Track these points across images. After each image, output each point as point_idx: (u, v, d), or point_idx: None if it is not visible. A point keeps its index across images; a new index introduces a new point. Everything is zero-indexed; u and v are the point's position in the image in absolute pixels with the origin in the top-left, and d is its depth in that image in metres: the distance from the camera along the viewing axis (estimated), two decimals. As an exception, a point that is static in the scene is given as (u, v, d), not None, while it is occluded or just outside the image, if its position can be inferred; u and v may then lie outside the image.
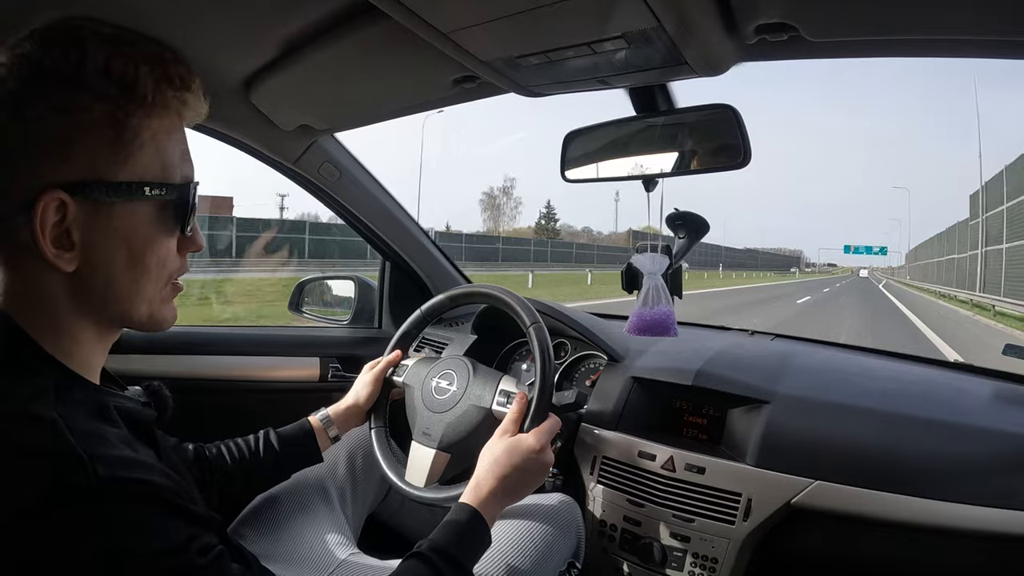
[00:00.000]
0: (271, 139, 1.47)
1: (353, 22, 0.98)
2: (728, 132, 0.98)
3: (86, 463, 0.53)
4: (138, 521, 0.55)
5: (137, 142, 0.64)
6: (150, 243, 0.66)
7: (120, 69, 0.62)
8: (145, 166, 0.64)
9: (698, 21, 0.79)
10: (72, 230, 0.61)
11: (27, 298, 0.63)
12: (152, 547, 0.55)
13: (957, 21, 0.77)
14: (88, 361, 0.67)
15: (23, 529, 0.52)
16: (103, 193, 0.62)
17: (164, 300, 0.71)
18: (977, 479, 1.03)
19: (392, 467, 1.21)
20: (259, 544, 1.07)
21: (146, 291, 0.68)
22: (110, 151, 0.62)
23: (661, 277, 1.11)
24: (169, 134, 0.67)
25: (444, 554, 0.85)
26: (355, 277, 2.01)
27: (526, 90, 1.07)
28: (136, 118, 0.63)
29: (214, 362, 1.67)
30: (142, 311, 0.68)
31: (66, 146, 0.60)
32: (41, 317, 0.63)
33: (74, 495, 0.53)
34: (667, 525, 1.20)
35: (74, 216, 0.61)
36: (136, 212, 0.65)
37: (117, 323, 0.69)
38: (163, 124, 0.66)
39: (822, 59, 0.92)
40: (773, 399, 1.21)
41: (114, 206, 0.63)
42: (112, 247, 0.64)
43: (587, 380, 1.51)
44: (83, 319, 0.66)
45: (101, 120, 0.61)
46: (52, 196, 0.59)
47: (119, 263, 0.65)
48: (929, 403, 1.22)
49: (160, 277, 0.69)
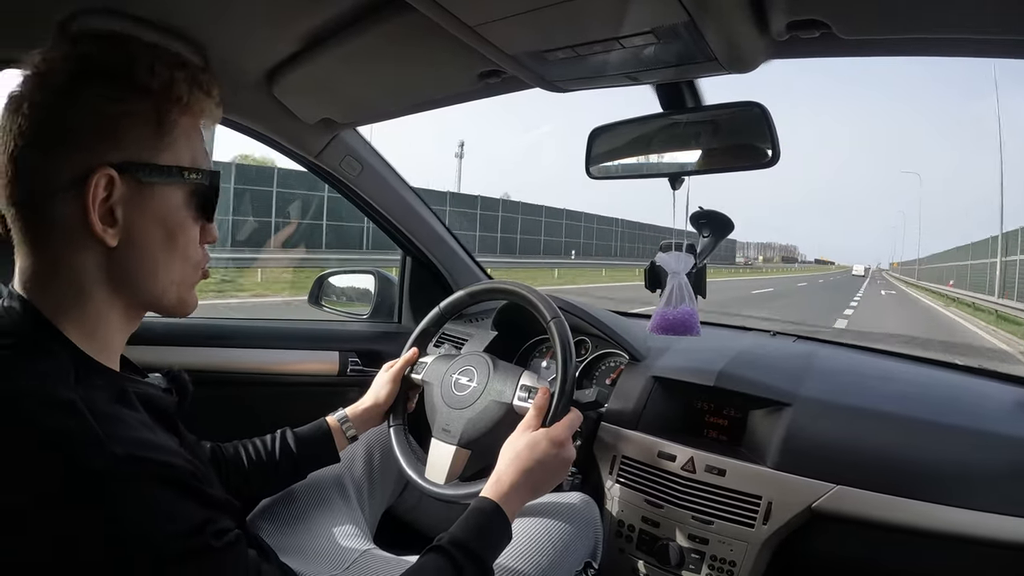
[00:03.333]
0: (293, 132, 1.48)
1: (378, 14, 0.97)
2: (757, 131, 0.97)
3: (104, 443, 0.55)
4: (155, 502, 0.56)
5: (173, 135, 0.70)
6: (182, 226, 0.72)
7: (162, 71, 0.68)
8: (180, 156, 0.71)
9: (730, 16, 0.78)
10: (116, 208, 0.66)
11: (55, 279, 0.66)
12: (168, 528, 0.56)
13: (992, 20, 0.75)
14: (109, 345, 0.69)
15: (42, 509, 0.53)
16: (147, 173, 0.68)
17: (190, 285, 0.76)
18: (1000, 487, 1.01)
19: (412, 464, 1.20)
20: (276, 537, 1.08)
21: (175, 272, 0.73)
22: (153, 139, 0.68)
23: (685, 276, 1.10)
24: (195, 130, 0.73)
25: (464, 548, 0.85)
26: (375, 271, 2.01)
27: (552, 85, 1.06)
28: (173, 114, 0.70)
29: (232, 355, 1.67)
30: (171, 292, 0.73)
31: (117, 131, 0.66)
32: (68, 298, 0.66)
33: (92, 475, 0.54)
34: (685, 527, 1.19)
35: (120, 194, 0.66)
36: (173, 195, 0.71)
37: (146, 305, 0.73)
38: (192, 123, 0.73)
39: (851, 57, 0.90)
40: (795, 401, 1.20)
41: (154, 187, 0.69)
42: (151, 226, 0.69)
43: (607, 379, 1.50)
44: (114, 299, 0.69)
45: (147, 112, 0.68)
46: (104, 172, 0.64)
47: (156, 242, 0.70)
48: (952, 408, 1.20)
49: (187, 258, 0.74)
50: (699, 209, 1.16)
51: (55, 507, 0.53)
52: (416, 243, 1.85)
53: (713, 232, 1.16)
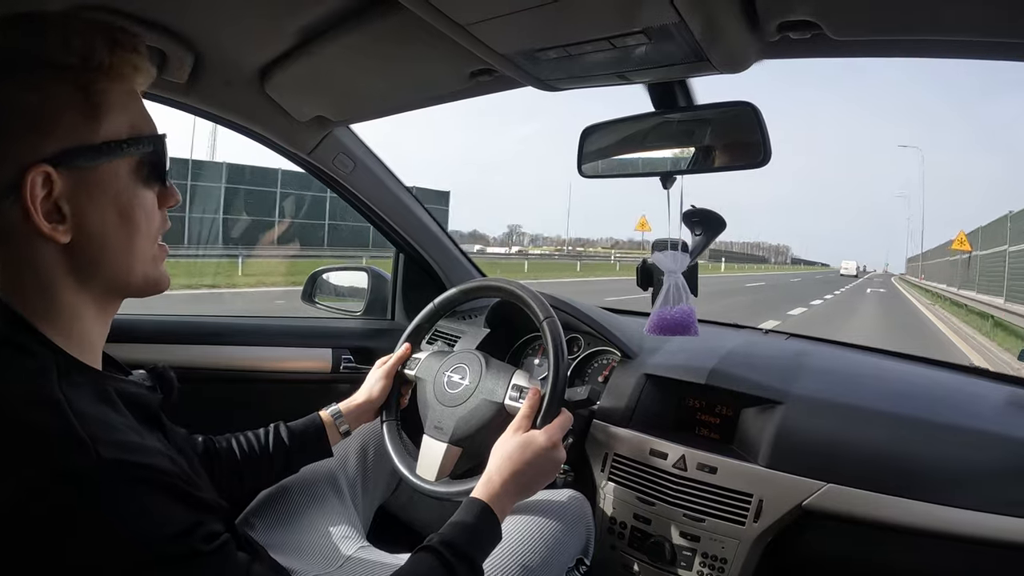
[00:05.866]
0: (286, 130, 1.48)
1: (370, 13, 0.98)
2: (748, 130, 0.97)
3: (88, 446, 0.54)
4: (141, 506, 0.55)
5: (105, 106, 0.66)
6: (136, 199, 0.68)
7: (78, 42, 0.64)
8: (117, 127, 0.66)
9: (721, 17, 0.78)
10: (61, 202, 0.63)
11: (22, 279, 0.64)
12: (155, 532, 0.55)
13: (984, 23, 0.76)
14: (88, 340, 0.68)
15: (27, 511, 0.52)
16: (85, 158, 0.64)
17: (156, 260, 0.73)
18: (991, 486, 1.02)
19: (404, 461, 1.21)
20: (269, 534, 1.08)
21: (139, 250, 0.69)
22: (83, 119, 0.64)
23: (681, 275, 1.11)
24: (130, 95, 0.69)
25: (454, 548, 0.85)
26: (368, 268, 2.01)
27: (543, 83, 1.06)
28: (100, 84, 0.65)
29: (224, 352, 1.67)
30: (137, 272, 0.70)
31: (42, 122, 0.62)
32: (38, 297, 0.64)
33: (76, 478, 0.53)
34: (677, 524, 1.20)
35: (61, 187, 0.62)
36: (118, 171, 0.67)
37: (115, 292, 0.71)
38: (123, 87, 0.68)
39: (842, 58, 0.91)
40: (786, 399, 1.20)
41: (97, 169, 0.65)
42: (102, 210, 0.66)
43: (599, 376, 1.50)
44: (82, 293, 0.66)
45: (70, 92, 0.63)
46: (37, 171, 0.61)
47: (111, 225, 0.66)
48: (944, 407, 1.20)
49: (149, 234, 0.70)
50: (692, 207, 1.16)
51: (40, 510, 0.52)
52: (409, 240, 1.85)
53: (705, 231, 1.16)
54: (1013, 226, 14.36)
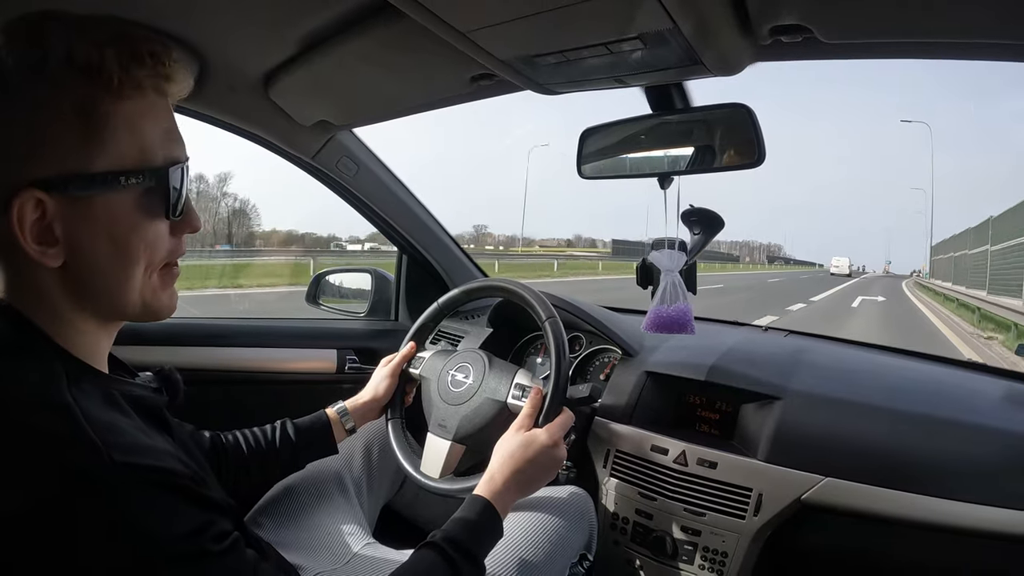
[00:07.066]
0: (289, 134, 1.49)
1: (372, 20, 0.99)
2: (743, 131, 0.98)
3: (101, 449, 0.54)
4: (152, 507, 0.55)
5: (109, 129, 0.61)
6: (135, 231, 0.64)
7: (84, 56, 0.59)
8: (121, 153, 0.62)
9: (714, 23, 0.80)
10: (54, 226, 0.60)
11: (25, 291, 0.63)
12: (166, 533, 0.55)
13: (974, 24, 0.77)
14: (93, 350, 0.67)
15: (40, 514, 0.52)
16: (78, 187, 0.60)
17: (160, 288, 0.69)
18: (988, 479, 1.03)
19: (408, 458, 1.22)
20: (276, 533, 1.09)
21: (135, 280, 0.65)
22: (81, 143, 0.60)
23: (678, 274, 1.12)
24: (145, 115, 0.63)
25: (457, 544, 0.87)
26: (372, 270, 2.02)
27: (542, 88, 1.08)
28: (105, 104, 0.60)
29: (231, 354, 1.69)
30: (134, 301, 0.66)
31: (35, 143, 0.59)
32: (41, 309, 0.63)
33: (89, 481, 0.53)
34: (678, 519, 1.22)
35: (54, 212, 0.59)
36: (115, 202, 0.62)
37: (113, 316, 0.68)
38: (137, 106, 0.62)
39: (834, 60, 0.92)
40: (785, 395, 1.22)
41: (92, 199, 0.61)
42: (95, 239, 0.62)
43: (601, 374, 1.52)
44: (80, 311, 0.65)
45: (68, 112, 0.59)
46: (27, 195, 0.58)
47: (104, 255, 0.63)
48: (941, 402, 1.21)
49: (152, 263, 0.66)
50: (690, 207, 1.17)
51: (53, 512, 0.52)
52: (412, 242, 1.86)
53: (704, 229, 1.18)
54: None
